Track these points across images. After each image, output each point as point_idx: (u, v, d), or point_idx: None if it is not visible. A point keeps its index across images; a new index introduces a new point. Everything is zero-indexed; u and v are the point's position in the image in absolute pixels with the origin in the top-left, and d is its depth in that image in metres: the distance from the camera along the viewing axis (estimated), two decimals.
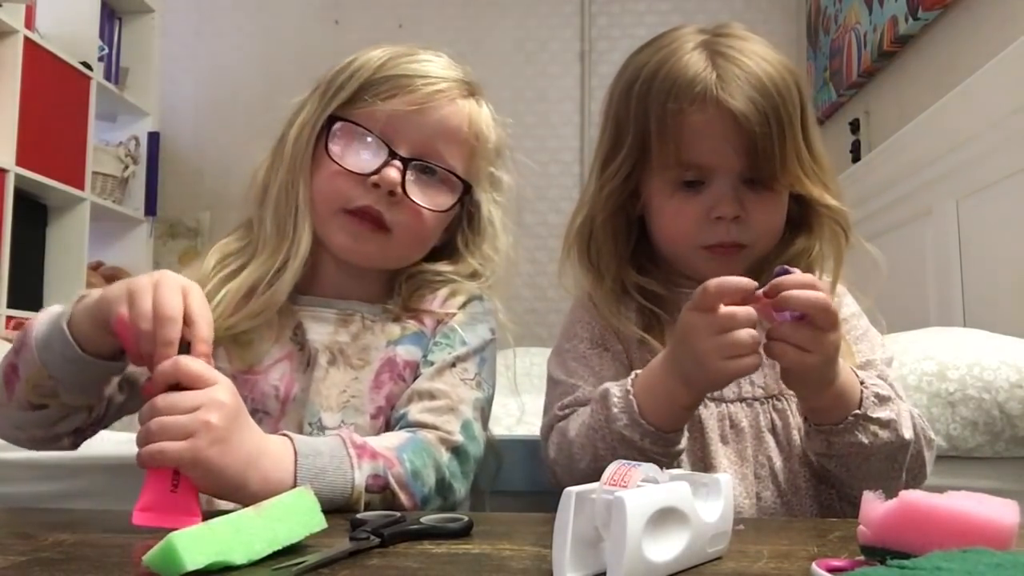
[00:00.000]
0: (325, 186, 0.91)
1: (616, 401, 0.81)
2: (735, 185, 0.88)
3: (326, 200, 0.92)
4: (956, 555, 0.44)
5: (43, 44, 2.93)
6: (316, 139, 0.92)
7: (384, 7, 3.79)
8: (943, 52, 2.32)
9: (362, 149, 0.91)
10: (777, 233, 0.92)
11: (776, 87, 0.86)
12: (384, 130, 0.91)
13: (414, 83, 0.92)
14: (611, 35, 3.79)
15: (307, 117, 0.93)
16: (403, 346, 0.94)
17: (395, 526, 0.64)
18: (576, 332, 0.95)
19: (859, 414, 0.80)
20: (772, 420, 0.90)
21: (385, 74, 0.92)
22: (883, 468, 0.82)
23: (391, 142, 0.91)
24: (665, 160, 0.89)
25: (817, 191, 0.90)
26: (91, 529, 0.69)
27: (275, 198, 0.92)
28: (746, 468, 0.88)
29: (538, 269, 3.75)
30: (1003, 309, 1.80)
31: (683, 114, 0.87)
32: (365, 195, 0.90)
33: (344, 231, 0.92)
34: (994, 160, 1.84)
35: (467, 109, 0.96)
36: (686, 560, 0.54)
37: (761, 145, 0.85)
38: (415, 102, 0.91)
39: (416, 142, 0.92)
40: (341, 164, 0.91)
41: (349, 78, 0.92)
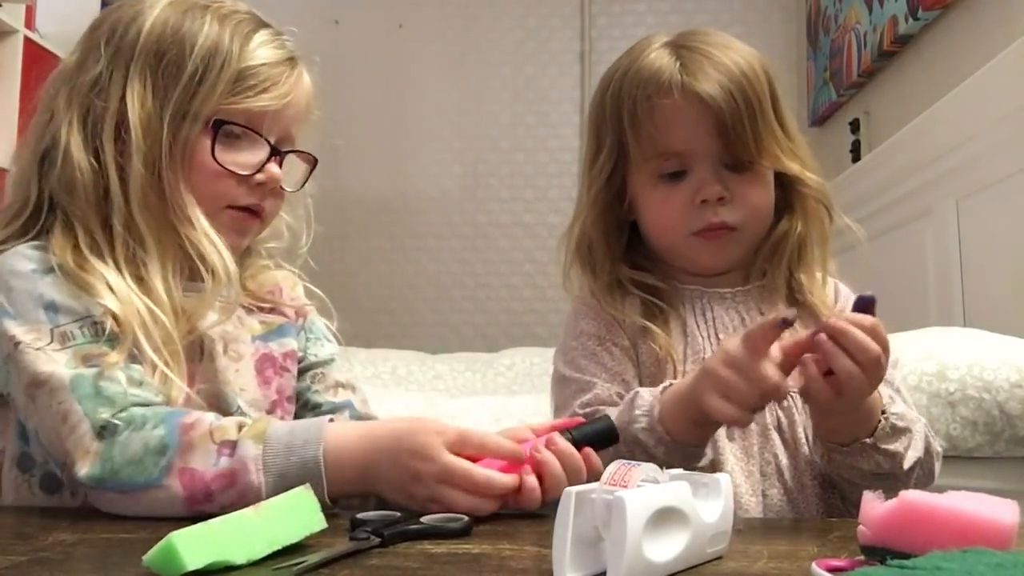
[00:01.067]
0: (207, 186, 0.87)
1: (642, 404, 0.82)
2: (716, 169, 0.90)
3: (209, 199, 0.87)
4: (956, 555, 0.44)
5: (43, 44, 2.92)
6: (173, 134, 0.85)
7: (384, 7, 3.79)
8: (943, 52, 2.32)
9: (243, 148, 0.88)
10: (766, 213, 0.93)
11: (741, 70, 0.89)
12: (257, 126, 0.88)
13: (281, 74, 0.89)
14: (611, 35, 3.79)
15: (151, 107, 0.85)
16: (275, 340, 0.96)
17: (395, 526, 0.64)
18: (582, 329, 0.95)
19: (868, 443, 0.80)
20: (778, 418, 0.90)
21: (249, 65, 0.87)
22: (883, 485, 0.82)
23: (267, 136, 0.89)
24: (643, 152, 0.91)
25: (797, 168, 0.92)
26: (91, 529, 0.69)
27: (141, 199, 0.83)
28: (752, 465, 0.88)
29: (538, 269, 3.75)
30: (1003, 309, 1.80)
31: (653, 104, 0.90)
32: (249, 192, 0.89)
33: (231, 228, 0.89)
34: (994, 160, 1.84)
35: (308, 86, 0.94)
36: (686, 560, 0.54)
37: (732, 124, 0.87)
38: (284, 95, 0.89)
39: (282, 131, 0.91)
40: (228, 168, 0.87)
41: (204, 70, 0.85)
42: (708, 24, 2.96)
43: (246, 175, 0.88)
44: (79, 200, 0.84)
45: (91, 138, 0.85)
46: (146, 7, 0.88)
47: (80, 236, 0.83)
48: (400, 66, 3.79)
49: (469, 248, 3.76)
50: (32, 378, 0.77)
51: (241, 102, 0.86)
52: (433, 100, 3.79)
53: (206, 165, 0.86)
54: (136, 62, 0.85)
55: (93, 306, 0.79)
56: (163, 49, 0.85)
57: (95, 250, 0.83)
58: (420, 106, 3.78)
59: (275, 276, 1.00)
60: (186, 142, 0.85)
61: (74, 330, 0.78)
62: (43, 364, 0.76)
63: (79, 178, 0.83)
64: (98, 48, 0.87)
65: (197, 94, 0.85)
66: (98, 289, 0.80)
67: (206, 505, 0.72)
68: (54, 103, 0.88)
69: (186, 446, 0.73)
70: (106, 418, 0.74)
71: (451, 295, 3.72)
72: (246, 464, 0.72)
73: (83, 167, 0.84)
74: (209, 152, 0.86)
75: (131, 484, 0.73)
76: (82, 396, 0.75)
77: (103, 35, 0.88)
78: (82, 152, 0.84)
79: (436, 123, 3.79)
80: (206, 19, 0.87)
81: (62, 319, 0.79)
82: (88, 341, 0.78)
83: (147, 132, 0.84)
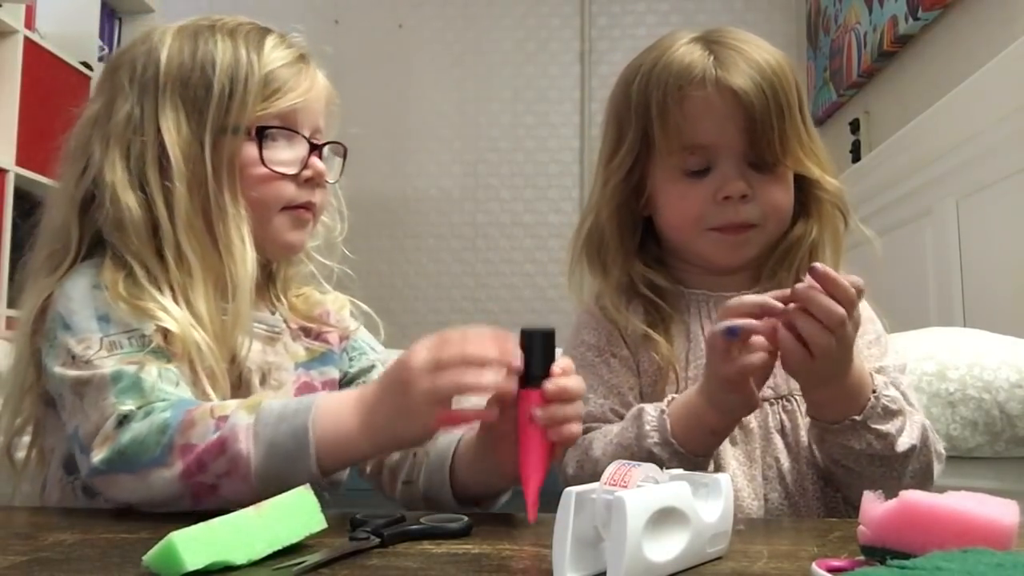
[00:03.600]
0: (262, 192, 0.89)
1: (649, 419, 0.82)
2: (740, 166, 0.90)
3: (265, 206, 0.89)
4: (956, 555, 0.44)
5: (43, 44, 2.92)
6: (216, 152, 0.87)
7: (384, 7, 3.79)
8: (943, 52, 2.32)
9: (283, 148, 0.90)
10: (786, 213, 0.93)
11: (771, 68, 0.89)
12: (292, 125, 0.91)
13: (299, 71, 0.91)
14: (611, 35, 3.80)
15: (188, 131, 0.87)
16: (316, 368, 0.96)
17: (395, 526, 0.64)
18: (583, 339, 0.95)
19: (857, 420, 0.80)
20: (781, 421, 0.90)
21: (271, 70, 0.89)
22: (878, 472, 0.82)
23: (302, 133, 0.92)
24: (669, 144, 0.90)
25: (818, 172, 0.92)
26: (91, 529, 0.69)
27: (187, 224, 0.86)
28: (754, 469, 0.88)
29: (538, 269, 3.75)
30: (1003, 309, 1.80)
31: (684, 96, 0.89)
32: (300, 190, 0.91)
33: (290, 228, 0.91)
34: (994, 160, 1.84)
35: (323, 78, 0.96)
36: (686, 560, 0.54)
37: (762, 121, 0.87)
38: (307, 90, 0.92)
39: (312, 125, 0.93)
40: (277, 170, 0.89)
41: (232, 84, 0.87)
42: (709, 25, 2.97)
43: (294, 173, 0.90)
44: (130, 236, 0.85)
45: (135, 174, 0.87)
46: (156, 41, 0.90)
47: (135, 267, 0.85)
48: (400, 66, 3.79)
49: (469, 248, 3.76)
50: (77, 378, 0.79)
51: (272, 106, 0.89)
52: (433, 100, 3.79)
53: (255, 173, 0.88)
54: (163, 93, 0.88)
55: (146, 324, 0.82)
56: (186, 75, 0.88)
57: (150, 279, 0.84)
58: (420, 106, 3.78)
59: (324, 299, 1.02)
60: (231, 156, 0.87)
61: (122, 340, 0.81)
62: (90, 368, 0.79)
63: (128, 215, 0.85)
64: (123, 89, 0.89)
65: (231, 108, 0.87)
66: (155, 312, 0.82)
67: (200, 476, 0.72)
68: (89, 148, 0.89)
69: (187, 424, 0.74)
70: (130, 408, 0.76)
71: (451, 295, 3.72)
72: (236, 432, 0.72)
73: (131, 204, 0.85)
74: (256, 160, 0.88)
75: (137, 463, 0.74)
76: (120, 389, 0.77)
77: (124, 75, 0.90)
78: (128, 190, 0.86)
79: (436, 123, 3.80)
80: (216, 38, 0.89)
81: (112, 330, 0.81)
82: (134, 350, 0.80)
83: (187, 156, 0.86)
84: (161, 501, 0.74)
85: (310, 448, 0.72)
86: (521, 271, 3.74)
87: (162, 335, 0.81)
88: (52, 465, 0.87)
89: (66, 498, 0.85)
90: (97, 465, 0.75)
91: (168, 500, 0.74)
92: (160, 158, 0.87)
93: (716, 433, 0.81)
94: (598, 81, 3.76)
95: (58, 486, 0.86)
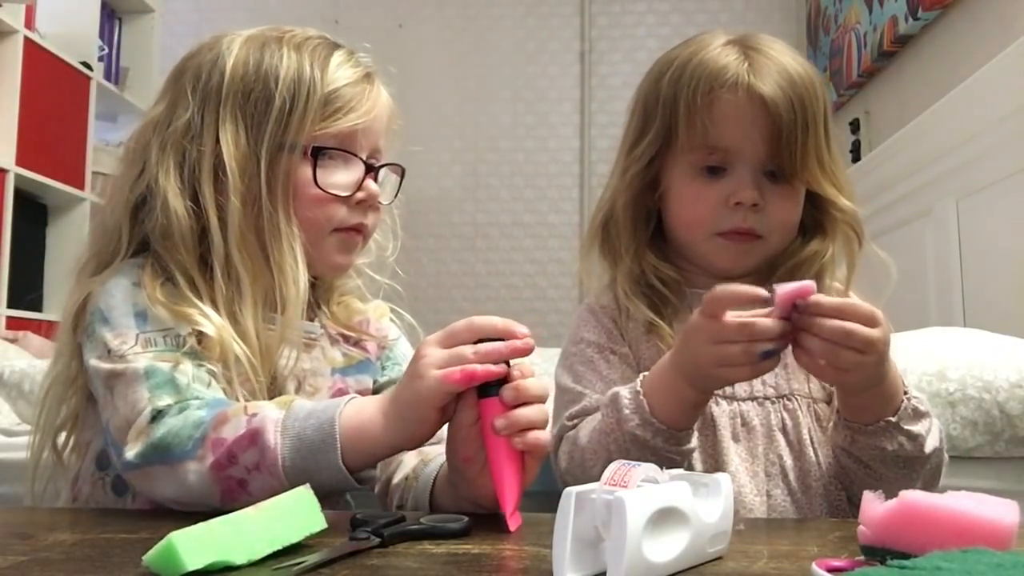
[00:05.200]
0: (314, 212, 0.88)
1: (626, 402, 0.82)
2: (755, 174, 0.90)
3: (316, 226, 0.89)
4: (956, 555, 0.44)
5: (43, 44, 2.93)
6: (271, 169, 0.87)
7: (384, 7, 3.79)
8: (943, 52, 2.32)
9: (339, 169, 0.90)
10: (792, 229, 0.93)
11: (803, 82, 0.90)
12: (350, 146, 0.90)
13: (363, 92, 0.91)
14: (611, 35, 3.79)
15: (246, 145, 0.87)
16: (352, 376, 0.96)
17: (395, 526, 0.64)
18: (582, 336, 0.95)
19: (891, 422, 0.80)
20: (783, 419, 0.90)
21: (334, 88, 0.88)
22: (900, 474, 0.83)
23: (359, 154, 0.91)
24: (692, 141, 0.90)
25: (833, 192, 0.92)
26: (91, 529, 0.69)
27: (240, 239, 0.85)
28: (757, 466, 0.89)
29: (538, 269, 3.75)
30: (1003, 309, 1.80)
31: (714, 96, 0.89)
32: (352, 212, 0.90)
33: (339, 250, 0.92)
34: (994, 160, 1.84)
35: (386, 98, 0.96)
36: (686, 560, 0.54)
37: (786, 133, 0.88)
38: (369, 111, 0.91)
39: (371, 146, 0.93)
40: (330, 192, 0.88)
41: (293, 100, 0.87)
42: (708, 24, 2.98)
43: (347, 196, 0.89)
44: (175, 245, 0.85)
45: (188, 183, 0.87)
46: (223, 49, 0.90)
47: (177, 276, 0.84)
48: (400, 66, 3.78)
49: (469, 248, 3.76)
50: (110, 371, 0.80)
51: (331, 125, 0.88)
52: (433, 100, 3.79)
53: (308, 193, 0.88)
54: (225, 104, 0.87)
55: (182, 325, 0.82)
56: (249, 87, 0.87)
57: (193, 291, 0.85)
58: (420, 106, 3.78)
59: (365, 308, 1.02)
60: (287, 174, 0.87)
61: (157, 338, 0.81)
62: (123, 362, 0.80)
63: (176, 224, 0.85)
64: (185, 96, 0.89)
65: (290, 125, 0.86)
66: (193, 316, 0.82)
67: (230, 469, 0.73)
68: (146, 153, 0.89)
69: (221, 419, 0.75)
70: (166, 404, 0.77)
71: (451, 295, 3.72)
72: (266, 425, 0.73)
73: (180, 213, 0.85)
74: (310, 180, 0.87)
75: (171, 456, 0.75)
76: (153, 384, 0.78)
77: (188, 82, 0.90)
78: (179, 199, 0.86)
79: (436, 123, 3.79)
80: (283, 51, 0.89)
81: (149, 327, 0.82)
82: (168, 349, 0.81)
83: (243, 170, 0.86)
84: (191, 496, 0.75)
85: (336, 441, 0.72)
86: (521, 271, 3.74)
87: (197, 339, 0.81)
88: (86, 459, 0.88)
89: (95, 493, 0.86)
90: (131, 459, 0.76)
91: (198, 495, 0.74)
92: (216, 169, 0.86)
93: (697, 406, 0.81)
94: (598, 81, 3.76)
95: (89, 480, 0.86)
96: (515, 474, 0.71)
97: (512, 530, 0.68)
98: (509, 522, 0.68)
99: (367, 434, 0.73)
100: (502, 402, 0.71)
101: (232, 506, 0.71)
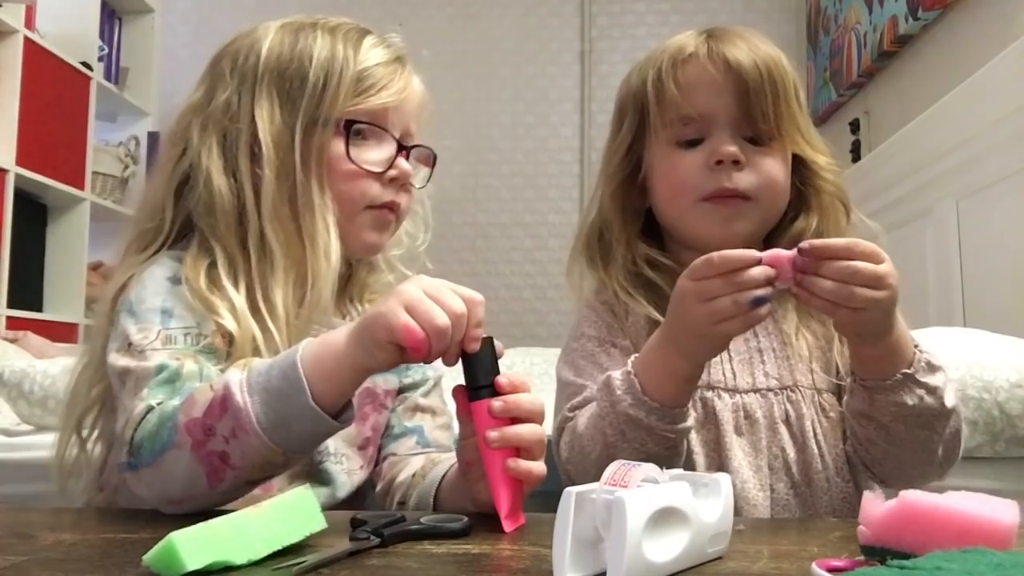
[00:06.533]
0: (347, 188, 0.90)
1: (619, 384, 0.81)
2: (734, 136, 0.91)
3: (349, 202, 0.91)
4: (956, 555, 0.44)
5: (43, 44, 2.93)
6: (306, 143, 0.89)
7: (384, 7, 3.79)
8: (943, 52, 2.32)
9: (372, 146, 0.92)
10: (782, 188, 0.92)
11: (768, 53, 0.92)
12: (382, 123, 0.92)
13: (395, 72, 0.94)
14: (611, 35, 3.79)
15: (281, 120, 0.89)
16: (381, 376, 0.96)
17: (395, 526, 0.64)
18: (583, 331, 0.95)
19: (908, 374, 0.79)
20: (786, 411, 0.90)
21: (366, 67, 0.91)
22: (921, 436, 0.82)
23: (391, 132, 0.93)
24: (664, 116, 0.92)
25: (813, 154, 0.93)
26: (91, 529, 0.69)
27: (272, 210, 0.87)
28: (760, 460, 0.88)
29: (538, 269, 3.75)
30: (1003, 309, 1.80)
31: (678, 68, 0.92)
32: (384, 189, 0.92)
33: (372, 227, 0.93)
34: (994, 160, 1.84)
35: (418, 83, 0.99)
36: (686, 560, 0.54)
37: (755, 91, 0.89)
38: (401, 90, 0.94)
39: (403, 127, 0.95)
40: (363, 167, 0.90)
41: (326, 77, 0.89)
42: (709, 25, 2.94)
43: (379, 172, 0.91)
44: (218, 220, 0.88)
45: (228, 160, 0.89)
46: (259, 34, 0.93)
47: (218, 255, 0.87)
48: None
49: (469, 248, 3.76)
50: (124, 368, 0.80)
51: (364, 102, 0.90)
52: (433, 100, 3.78)
53: (341, 167, 0.90)
54: (261, 83, 0.90)
55: (206, 323, 0.83)
56: (284, 66, 0.90)
57: (229, 270, 0.86)
58: None
59: None
60: (320, 148, 0.89)
61: (178, 336, 0.82)
62: (138, 358, 0.80)
63: (218, 199, 0.88)
64: (224, 78, 0.92)
65: (323, 100, 0.89)
66: (219, 309, 0.83)
67: (210, 443, 0.72)
68: (187, 134, 0.92)
69: (190, 402, 0.74)
70: (158, 402, 0.77)
71: None
72: (231, 388, 0.71)
73: (222, 189, 0.88)
74: (343, 155, 0.90)
75: (151, 454, 0.74)
76: (156, 383, 0.78)
77: (227, 65, 0.93)
78: (221, 175, 0.88)
79: (436, 123, 3.79)
80: (317, 33, 0.92)
81: (172, 324, 0.83)
82: (186, 348, 0.82)
83: (278, 145, 0.88)
84: (178, 487, 0.74)
85: (302, 382, 0.70)
86: (521, 271, 3.74)
87: (221, 337, 0.82)
88: (115, 447, 0.87)
89: (123, 491, 0.86)
90: (124, 464, 0.76)
91: (184, 484, 0.73)
92: (252, 146, 0.89)
93: (689, 380, 0.81)
94: (598, 81, 3.76)
95: (115, 469, 0.86)
96: (509, 481, 0.71)
97: (507, 531, 0.68)
98: (503, 523, 0.69)
99: (327, 357, 0.71)
100: (491, 414, 0.71)
101: (219, 488, 0.72)
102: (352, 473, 0.93)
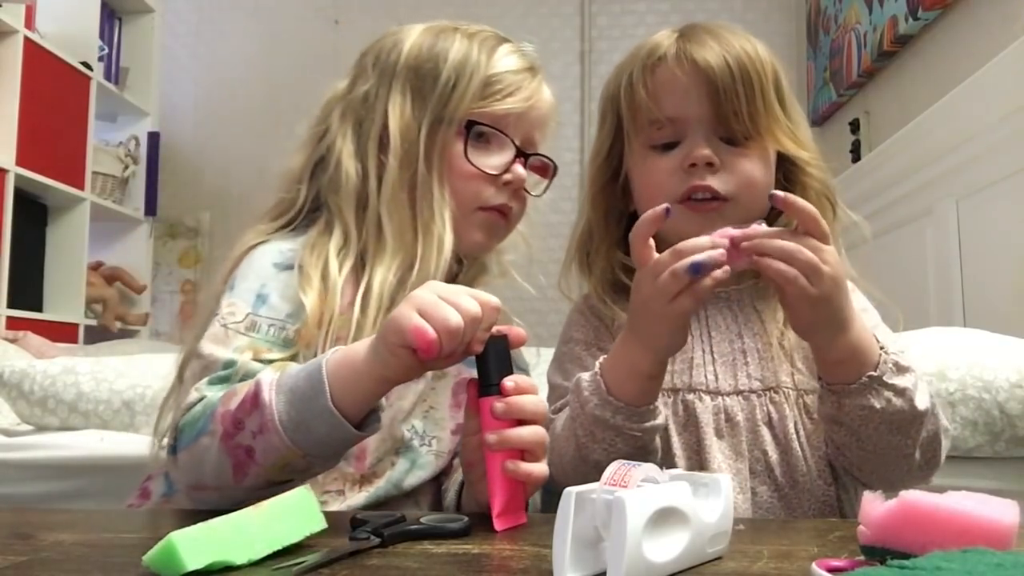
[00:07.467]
0: (462, 187, 0.94)
1: (586, 385, 0.82)
2: (708, 138, 0.90)
3: (463, 201, 0.94)
4: (956, 555, 0.44)
5: (43, 44, 2.93)
6: (430, 138, 0.93)
7: (384, 7, 3.78)
8: (943, 52, 2.32)
9: (491, 149, 0.95)
10: (762, 188, 0.90)
11: (743, 48, 0.91)
12: (503, 128, 0.95)
13: (524, 80, 0.97)
14: (611, 35, 3.79)
15: (411, 114, 0.94)
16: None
17: (395, 526, 0.64)
18: (571, 335, 0.96)
19: (874, 376, 0.78)
20: (768, 413, 0.89)
21: (496, 72, 0.95)
22: (894, 441, 0.80)
23: (512, 138, 0.96)
24: (638, 121, 0.93)
25: (795, 148, 0.92)
26: (91, 529, 0.69)
27: (391, 196, 0.92)
28: (740, 463, 0.88)
29: (538, 269, 3.75)
30: (1003, 309, 1.80)
31: (648, 71, 0.92)
32: (498, 193, 0.95)
33: (481, 228, 0.97)
34: (994, 160, 1.84)
35: (548, 94, 1.01)
36: (686, 560, 0.54)
37: (726, 92, 0.88)
38: (527, 99, 0.96)
39: (525, 134, 0.98)
40: (479, 168, 0.94)
41: (457, 78, 0.94)
42: None
43: (495, 175, 0.95)
44: (343, 198, 0.94)
45: (360, 146, 0.96)
46: (404, 35, 1.00)
47: (335, 233, 0.92)
48: None
49: None
50: (200, 351, 0.84)
51: (489, 106, 0.94)
52: None
53: (460, 167, 0.94)
54: (397, 78, 0.97)
55: (293, 316, 0.86)
56: (420, 64, 0.96)
57: (343, 245, 0.92)
58: None
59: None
60: (443, 146, 0.94)
61: (263, 324, 0.86)
62: (215, 343, 0.83)
63: (345, 180, 0.94)
64: (366, 72, 0.99)
65: (451, 100, 0.94)
66: (307, 288, 0.86)
67: (238, 436, 0.74)
68: (330, 119, 0.99)
69: (229, 395, 0.77)
70: (207, 395, 0.79)
71: None
72: (262, 386, 0.74)
73: (350, 171, 0.94)
74: (462, 154, 0.94)
75: (188, 438, 0.77)
76: (216, 377, 0.81)
77: (370, 60, 1.00)
78: (351, 159, 0.95)
79: None
80: (456, 37, 0.97)
81: (262, 311, 0.87)
82: (266, 340, 0.85)
83: (405, 137, 0.94)
84: (207, 475, 0.76)
85: (324, 384, 0.71)
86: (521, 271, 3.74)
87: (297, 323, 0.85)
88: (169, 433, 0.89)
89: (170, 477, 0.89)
90: (170, 447, 0.79)
91: (213, 473, 0.76)
92: (382, 136, 0.95)
93: (653, 377, 0.81)
94: (598, 81, 3.76)
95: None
96: (507, 481, 0.71)
97: (498, 530, 0.68)
98: (495, 522, 0.69)
99: (350, 365, 0.72)
100: (493, 415, 0.71)
101: (245, 483, 0.74)
102: (439, 455, 0.96)
